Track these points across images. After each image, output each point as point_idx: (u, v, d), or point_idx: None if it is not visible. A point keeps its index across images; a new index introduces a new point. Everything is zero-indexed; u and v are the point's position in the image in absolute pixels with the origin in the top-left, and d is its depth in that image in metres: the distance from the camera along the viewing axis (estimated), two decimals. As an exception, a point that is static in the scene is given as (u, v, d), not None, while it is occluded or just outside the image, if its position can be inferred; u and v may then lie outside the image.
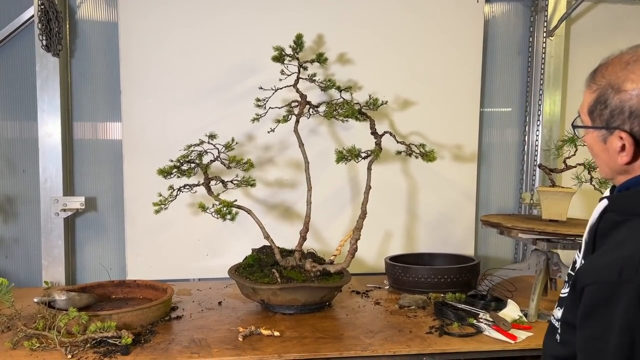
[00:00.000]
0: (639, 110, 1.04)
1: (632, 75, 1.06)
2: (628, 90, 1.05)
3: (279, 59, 2.61)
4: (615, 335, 0.94)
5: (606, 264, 0.99)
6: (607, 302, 0.96)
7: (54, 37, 2.75)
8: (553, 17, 3.21)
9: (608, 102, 1.09)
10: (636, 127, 1.05)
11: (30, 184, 2.95)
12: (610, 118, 1.08)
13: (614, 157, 1.11)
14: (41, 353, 1.92)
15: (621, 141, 1.07)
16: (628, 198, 1.08)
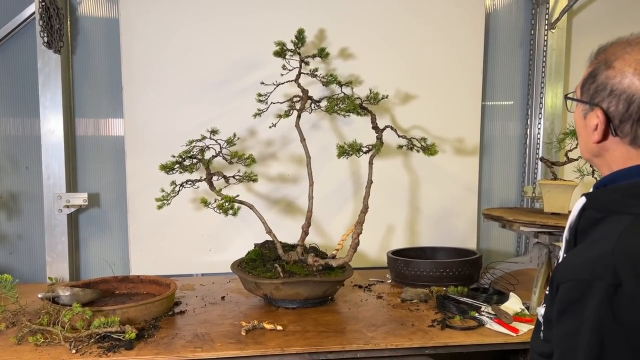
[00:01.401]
0: (619, 90, 1.02)
1: (626, 55, 1.05)
2: (616, 67, 1.04)
3: (281, 53, 2.61)
4: (587, 332, 0.94)
5: (580, 262, 0.99)
6: (580, 300, 0.96)
7: (55, 34, 2.76)
8: (555, 10, 3.20)
9: (597, 76, 1.07)
10: (613, 106, 1.04)
11: (33, 181, 2.97)
12: (595, 93, 1.07)
13: (590, 134, 1.10)
14: (46, 348, 1.93)
15: (597, 119, 1.07)
16: (605, 195, 1.07)
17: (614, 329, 0.92)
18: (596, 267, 0.94)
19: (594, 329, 0.93)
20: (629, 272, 0.92)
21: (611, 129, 1.04)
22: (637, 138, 1.03)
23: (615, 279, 0.92)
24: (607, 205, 1.05)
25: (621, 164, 1.07)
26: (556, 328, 1.03)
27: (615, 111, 1.03)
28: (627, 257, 0.93)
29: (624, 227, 0.97)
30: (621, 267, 0.92)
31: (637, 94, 1.00)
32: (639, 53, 1.03)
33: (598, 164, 1.14)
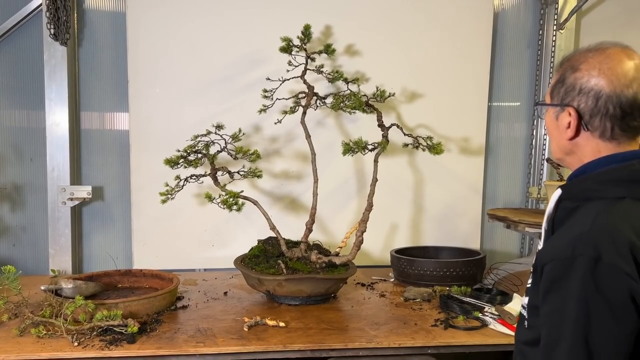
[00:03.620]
0: (587, 88, 1.14)
1: (590, 59, 1.16)
2: (583, 69, 1.16)
3: (287, 49, 2.60)
4: (573, 306, 1.02)
5: (561, 243, 1.08)
6: (564, 276, 1.04)
7: (62, 26, 2.75)
8: (564, 10, 3.18)
9: (565, 80, 1.18)
10: (583, 103, 1.15)
11: (38, 173, 2.97)
12: (565, 95, 1.18)
13: (562, 133, 1.20)
14: (48, 340, 1.93)
15: (569, 118, 1.17)
16: (579, 185, 1.17)
17: (598, 300, 0.99)
18: (577, 245, 1.03)
19: (579, 301, 1.01)
20: (607, 246, 1.01)
21: (582, 124, 1.16)
22: (606, 131, 1.14)
23: (595, 252, 1.01)
24: (580, 194, 1.15)
25: (591, 157, 1.17)
26: (542, 308, 1.10)
27: (585, 107, 1.15)
28: (604, 232, 1.03)
29: (597, 209, 1.08)
30: (599, 242, 1.02)
31: (603, 90, 1.12)
32: (600, 57, 1.16)
33: (569, 161, 1.24)
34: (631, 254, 1.00)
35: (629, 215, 1.06)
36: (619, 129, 1.14)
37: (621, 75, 1.13)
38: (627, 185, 1.09)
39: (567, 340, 1.02)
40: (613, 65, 1.14)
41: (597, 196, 1.11)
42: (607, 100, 1.12)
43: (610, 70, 1.13)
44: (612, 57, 1.15)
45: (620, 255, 1.00)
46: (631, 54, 1.18)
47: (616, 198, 1.09)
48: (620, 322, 0.99)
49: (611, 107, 1.12)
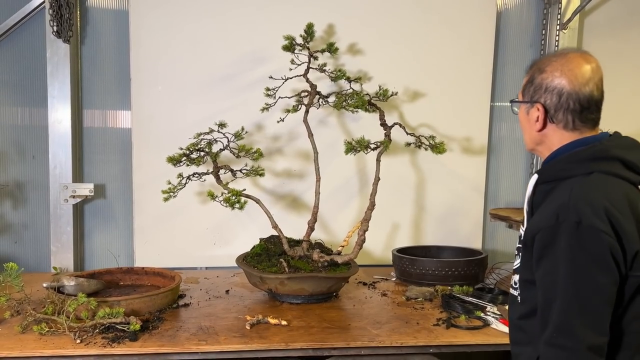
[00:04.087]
0: (551, 86, 1.32)
1: (553, 63, 1.34)
2: (548, 71, 1.34)
3: (290, 48, 2.60)
4: (562, 267, 1.19)
5: (546, 215, 1.25)
6: (552, 242, 1.21)
7: (65, 24, 2.76)
8: (567, 10, 3.18)
9: (534, 80, 1.37)
10: (548, 100, 1.33)
11: (40, 170, 2.97)
12: (534, 93, 1.36)
13: (532, 126, 1.38)
14: (50, 337, 1.93)
15: (537, 112, 1.35)
16: (552, 168, 1.34)
17: (583, 256, 1.17)
18: (560, 213, 1.21)
19: (567, 260, 1.18)
20: (585, 211, 1.19)
21: (549, 117, 1.35)
22: (568, 123, 1.33)
23: (576, 217, 1.19)
24: (554, 175, 1.32)
25: (558, 145, 1.36)
26: (537, 275, 1.26)
27: (550, 103, 1.33)
28: (582, 200, 1.21)
29: (572, 184, 1.26)
30: (579, 208, 1.19)
31: (564, 88, 1.31)
32: (562, 61, 1.34)
33: (540, 150, 1.42)
34: (606, 216, 1.18)
35: (599, 185, 1.24)
36: (579, 120, 1.33)
37: (580, 76, 1.31)
38: (593, 162, 1.28)
39: (560, 297, 1.19)
40: (573, 67, 1.31)
41: (569, 175, 1.29)
42: (568, 97, 1.31)
43: (570, 72, 1.31)
44: (572, 61, 1.33)
45: (597, 218, 1.17)
46: (589, 58, 1.34)
47: (586, 174, 1.27)
48: (603, 273, 1.17)
49: (571, 103, 1.31)
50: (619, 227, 1.19)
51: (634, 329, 1.23)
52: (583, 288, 1.17)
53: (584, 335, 1.17)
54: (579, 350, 1.16)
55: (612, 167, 1.27)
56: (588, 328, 1.17)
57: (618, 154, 1.28)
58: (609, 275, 1.18)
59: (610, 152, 1.29)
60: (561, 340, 1.19)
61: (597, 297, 1.18)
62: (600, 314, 1.18)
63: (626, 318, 1.23)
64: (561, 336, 1.19)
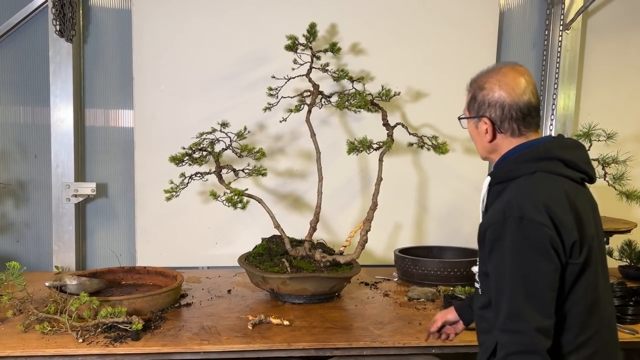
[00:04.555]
0: (492, 101, 1.44)
1: (490, 79, 1.46)
2: (487, 87, 1.45)
3: (292, 48, 2.59)
4: (508, 258, 1.30)
5: (495, 212, 1.36)
6: (500, 236, 1.32)
7: (68, 23, 2.76)
8: (570, 10, 3.17)
9: (477, 97, 1.48)
10: (493, 113, 1.45)
11: (42, 169, 2.97)
12: (479, 108, 1.47)
13: (483, 138, 1.49)
14: (52, 337, 1.93)
15: (485, 125, 1.47)
16: (502, 169, 1.46)
17: (526, 246, 1.28)
18: (506, 210, 1.32)
19: (513, 252, 1.29)
20: (527, 207, 1.30)
21: (496, 128, 1.46)
22: (515, 130, 1.45)
23: (520, 213, 1.29)
24: (504, 176, 1.44)
25: (507, 150, 1.47)
26: (489, 267, 1.36)
27: (495, 116, 1.45)
28: (524, 197, 1.33)
29: (519, 183, 1.38)
30: (522, 205, 1.31)
31: (505, 101, 1.43)
32: (498, 76, 1.45)
33: (494, 158, 1.52)
34: (545, 211, 1.29)
35: (541, 183, 1.36)
36: (523, 126, 1.44)
37: (516, 87, 1.43)
38: (536, 163, 1.39)
39: (508, 285, 1.29)
40: (508, 81, 1.44)
41: (516, 175, 1.40)
42: (510, 108, 1.43)
43: (507, 85, 1.43)
44: (506, 75, 1.45)
45: (537, 213, 1.29)
46: (521, 69, 1.47)
47: (530, 173, 1.39)
48: (545, 261, 1.28)
49: (514, 113, 1.43)
50: (557, 221, 1.30)
51: (576, 311, 1.35)
52: (528, 276, 1.28)
53: (532, 319, 1.27)
54: (528, 333, 1.26)
55: (553, 166, 1.39)
56: (535, 312, 1.27)
57: (558, 154, 1.41)
58: (550, 263, 1.28)
59: (551, 152, 1.41)
60: (512, 324, 1.28)
61: (541, 283, 1.28)
62: (545, 298, 1.28)
63: (569, 302, 1.34)
64: (512, 321, 1.28)
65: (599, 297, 1.38)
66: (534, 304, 1.27)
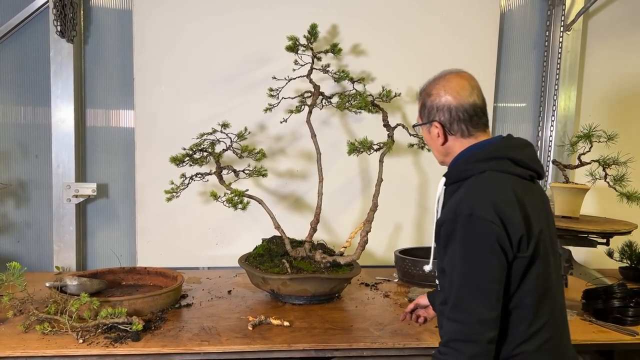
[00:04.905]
0: (440, 106, 1.53)
1: (436, 85, 1.56)
2: (434, 94, 1.56)
3: (293, 48, 2.59)
4: (458, 252, 1.38)
5: (448, 209, 1.45)
6: (453, 232, 1.39)
7: (69, 23, 2.76)
8: (570, 12, 3.17)
9: (426, 104, 1.58)
10: (442, 117, 1.53)
11: (43, 170, 2.97)
12: (429, 114, 1.57)
13: (436, 141, 1.58)
14: (53, 337, 1.93)
15: (437, 129, 1.55)
16: (455, 170, 1.53)
17: (474, 243, 1.36)
18: (457, 208, 1.40)
19: (462, 246, 1.37)
20: (476, 204, 1.37)
21: (447, 131, 1.54)
22: (464, 131, 1.53)
23: (469, 210, 1.37)
24: (457, 176, 1.52)
25: (460, 151, 1.55)
26: (444, 261, 1.44)
27: (445, 119, 1.53)
28: (474, 195, 1.40)
29: (470, 182, 1.46)
30: (471, 203, 1.38)
31: (451, 104, 1.52)
32: (443, 82, 1.56)
33: (448, 161, 1.59)
34: (493, 208, 1.36)
35: (490, 182, 1.44)
36: (472, 127, 1.53)
37: (460, 90, 1.52)
38: (487, 162, 1.47)
39: (457, 278, 1.37)
40: (453, 85, 1.53)
41: (468, 174, 1.48)
42: (457, 110, 1.51)
43: (452, 89, 1.53)
44: (451, 80, 1.55)
45: (485, 210, 1.36)
46: (464, 74, 1.57)
47: (480, 172, 1.46)
48: (491, 256, 1.34)
49: (460, 114, 1.51)
50: (504, 218, 1.36)
51: (527, 302, 1.40)
52: (474, 270, 1.36)
53: (474, 310, 1.34)
54: (470, 324, 1.33)
55: (502, 165, 1.46)
56: (478, 304, 1.34)
57: (507, 153, 1.47)
58: (496, 258, 1.35)
59: (501, 152, 1.48)
60: (456, 315, 1.36)
61: (486, 277, 1.35)
62: (489, 291, 1.35)
63: (520, 293, 1.40)
64: (456, 311, 1.36)
65: (551, 287, 1.44)
66: (478, 296, 1.35)
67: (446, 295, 1.43)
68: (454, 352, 1.34)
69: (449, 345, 1.36)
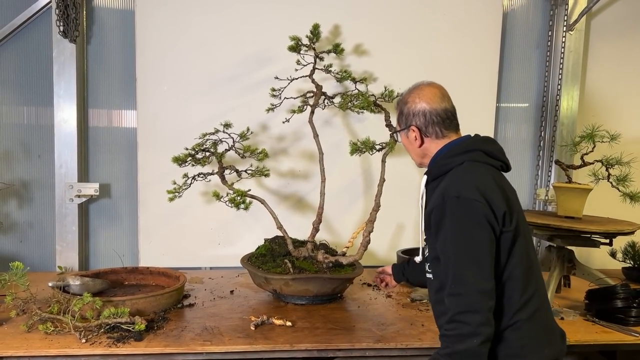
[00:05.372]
0: (416, 111, 1.71)
1: (412, 94, 1.74)
2: (410, 101, 1.73)
3: (295, 48, 2.59)
4: (450, 232, 1.51)
5: (435, 197, 1.60)
6: (442, 216, 1.54)
7: (71, 23, 2.76)
8: (573, 11, 3.17)
9: (403, 111, 1.75)
10: (418, 121, 1.71)
11: (45, 170, 2.97)
12: (406, 120, 1.74)
13: (414, 144, 1.74)
14: (55, 337, 1.93)
15: (414, 133, 1.72)
16: (435, 166, 1.70)
17: (464, 221, 1.50)
18: (444, 193, 1.55)
19: (453, 226, 1.51)
20: (462, 187, 1.53)
21: (423, 134, 1.71)
22: (438, 133, 1.70)
23: (456, 193, 1.52)
24: (439, 171, 1.68)
25: (436, 152, 1.72)
26: (437, 246, 1.57)
27: (420, 122, 1.71)
28: (459, 181, 1.56)
29: (452, 173, 1.62)
30: (457, 187, 1.54)
31: (426, 109, 1.70)
32: (417, 91, 1.73)
33: (426, 162, 1.76)
34: (477, 189, 1.52)
35: (470, 170, 1.61)
36: (445, 129, 1.70)
37: (432, 97, 1.70)
38: (463, 155, 1.64)
39: (452, 256, 1.50)
40: (426, 92, 1.72)
41: (449, 168, 1.64)
42: (430, 114, 1.69)
43: (425, 96, 1.71)
44: (423, 89, 1.73)
45: (470, 191, 1.52)
46: (435, 84, 1.76)
47: (460, 164, 1.63)
48: (481, 231, 1.49)
49: (434, 117, 1.69)
50: (487, 197, 1.52)
51: (517, 273, 1.54)
52: (467, 245, 1.49)
53: (473, 281, 1.46)
54: (471, 294, 1.45)
55: (477, 157, 1.64)
56: (476, 275, 1.47)
57: (480, 147, 1.66)
58: (485, 233, 1.50)
59: (474, 145, 1.67)
60: (457, 288, 1.47)
61: (479, 250, 1.48)
62: (483, 263, 1.48)
63: (510, 265, 1.54)
64: (456, 285, 1.47)
65: (532, 264, 1.60)
66: (474, 268, 1.47)
67: (442, 281, 1.55)
68: (460, 324, 1.44)
69: (455, 320, 1.45)
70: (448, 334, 1.46)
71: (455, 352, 1.44)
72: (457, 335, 1.44)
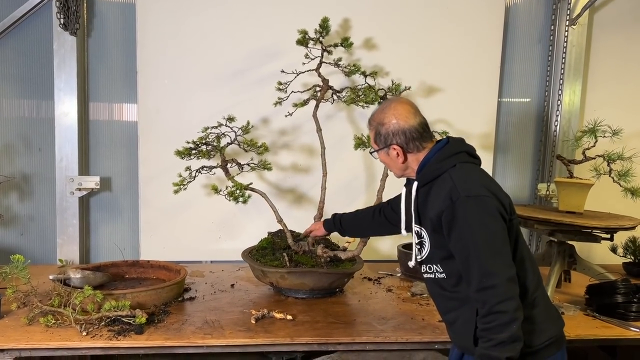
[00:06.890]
0: (394, 131, 1.74)
1: (386, 113, 1.76)
2: (386, 122, 1.75)
3: (303, 42, 2.57)
4: (467, 229, 1.56)
5: (440, 201, 1.63)
6: (454, 216, 1.58)
7: (72, 16, 2.75)
8: (576, 6, 3.15)
9: (381, 132, 1.77)
10: (398, 139, 1.74)
11: (46, 163, 2.97)
12: (385, 140, 1.77)
13: (396, 161, 1.78)
14: (56, 330, 1.94)
15: (395, 151, 1.76)
16: (427, 171, 1.73)
17: (480, 216, 1.56)
18: (452, 194, 1.60)
19: (470, 223, 1.56)
20: (471, 186, 1.60)
21: (405, 151, 1.76)
22: (419, 147, 1.75)
23: (467, 192, 1.58)
24: (430, 177, 1.71)
25: (417, 162, 1.76)
26: (450, 245, 1.62)
27: (401, 141, 1.74)
28: (463, 181, 1.62)
29: (448, 175, 1.66)
30: (465, 185, 1.60)
31: (404, 127, 1.73)
32: (390, 110, 1.76)
33: (409, 173, 1.81)
34: (483, 186, 1.61)
35: (466, 169, 1.68)
36: (423, 141, 1.75)
37: (407, 114, 1.74)
38: (452, 158, 1.70)
39: (473, 251, 1.55)
40: (400, 111, 1.75)
41: (441, 172, 1.69)
42: (408, 131, 1.73)
43: (400, 115, 1.74)
44: (396, 108, 1.76)
45: (479, 189, 1.60)
46: (404, 100, 1.80)
47: (452, 166, 1.68)
48: (496, 223, 1.57)
49: (413, 134, 1.73)
50: (492, 190, 1.62)
51: (524, 257, 1.66)
52: (487, 238, 1.55)
53: (502, 271, 1.53)
54: (503, 283, 1.52)
55: (463, 157, 1.72)
56: (503, 265, 1.54)
57: (462, 148, 1.75)
58: (500, 223, 1.58)
59: (458, 147, 1.74)
60: (488, 281, 1.52)
61: (498, 241, 1.56)
62: (505, 252, 1.57)
63: (519, 250, 1.65)
64: (487, 278, 1.52)
65: (529, 251, 1.72)
66: (499, 258, 1.55)
67: (463, 275, 1.60)
68: (499, 314, 1.50)
69: (493, 311, 1.51)
70: (488, 327, 1.52)
71: (500, 342, 1.49)
72: (498, 326, 1.50)
